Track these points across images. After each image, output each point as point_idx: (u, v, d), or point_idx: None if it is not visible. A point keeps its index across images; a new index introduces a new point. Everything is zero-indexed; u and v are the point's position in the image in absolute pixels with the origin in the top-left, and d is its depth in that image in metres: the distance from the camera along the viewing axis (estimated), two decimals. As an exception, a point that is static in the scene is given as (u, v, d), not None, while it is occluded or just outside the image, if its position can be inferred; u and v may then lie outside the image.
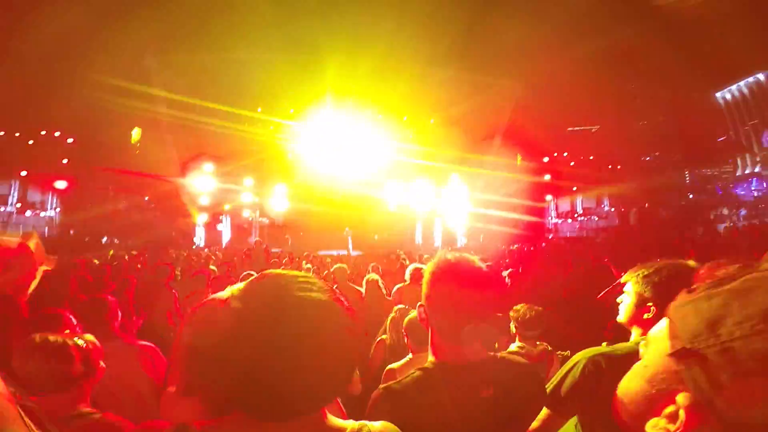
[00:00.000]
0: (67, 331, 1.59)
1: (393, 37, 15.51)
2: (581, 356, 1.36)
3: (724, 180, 22.11)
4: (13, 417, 0.78)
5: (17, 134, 21.42)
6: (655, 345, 0.55)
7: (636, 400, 0.54)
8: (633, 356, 1.16)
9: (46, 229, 20.97)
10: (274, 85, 17.76)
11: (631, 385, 0.57)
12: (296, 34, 16.06)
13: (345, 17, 15.68)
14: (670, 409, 0.50)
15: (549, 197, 25.84)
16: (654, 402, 0.52)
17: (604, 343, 1.39)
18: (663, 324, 0.55)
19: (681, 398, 0.49)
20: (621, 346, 1.36)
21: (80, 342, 1.48)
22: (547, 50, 16.37)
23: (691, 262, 1.47)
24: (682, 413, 0.48)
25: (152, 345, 2.50)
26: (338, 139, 20.37)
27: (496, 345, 2.16)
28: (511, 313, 2.58)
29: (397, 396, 1.10)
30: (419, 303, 1.23)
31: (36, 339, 1.42)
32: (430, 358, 1.19)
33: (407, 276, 4.77)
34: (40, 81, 15.89)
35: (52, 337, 1.44)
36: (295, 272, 0.74)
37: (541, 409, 1.25)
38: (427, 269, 1.21)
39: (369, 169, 21.33)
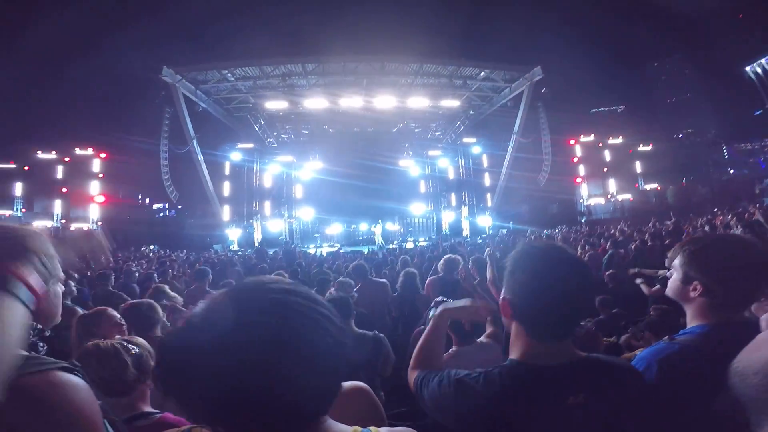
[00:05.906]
0: (118, 337, 1.65)
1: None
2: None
3: (766, 153, 21.02)
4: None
5: (53, 153, 22.71)
6: None
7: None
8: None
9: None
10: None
11: (757, 356, 0.55)
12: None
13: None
14: None
15: (579, 179, 25.06)
16: None
17: (665, 338, 1.23)
18: None
19: None
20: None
21: (131, 347, 1.52)
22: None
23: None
24: None
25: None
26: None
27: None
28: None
29: (468, 390, 0.99)
30: (502, 296, 1.07)
31: (89, 348, 1.46)
32: (512, 356, 1.05)
33: (440, 267, 4.71)
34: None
35: (103, 345, 1.47)
36: (279, 278, 0.65)
37: (641, 415, 1.00)
38: (513, 258, 1.06)
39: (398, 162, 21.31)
